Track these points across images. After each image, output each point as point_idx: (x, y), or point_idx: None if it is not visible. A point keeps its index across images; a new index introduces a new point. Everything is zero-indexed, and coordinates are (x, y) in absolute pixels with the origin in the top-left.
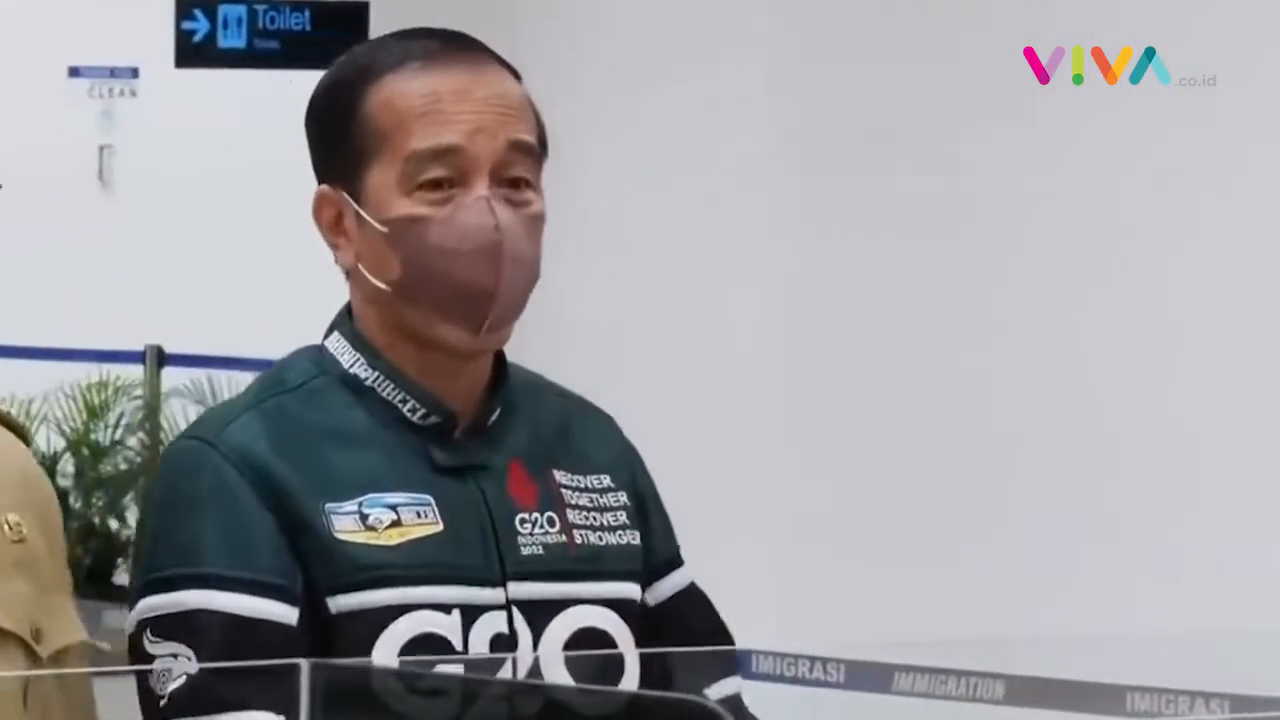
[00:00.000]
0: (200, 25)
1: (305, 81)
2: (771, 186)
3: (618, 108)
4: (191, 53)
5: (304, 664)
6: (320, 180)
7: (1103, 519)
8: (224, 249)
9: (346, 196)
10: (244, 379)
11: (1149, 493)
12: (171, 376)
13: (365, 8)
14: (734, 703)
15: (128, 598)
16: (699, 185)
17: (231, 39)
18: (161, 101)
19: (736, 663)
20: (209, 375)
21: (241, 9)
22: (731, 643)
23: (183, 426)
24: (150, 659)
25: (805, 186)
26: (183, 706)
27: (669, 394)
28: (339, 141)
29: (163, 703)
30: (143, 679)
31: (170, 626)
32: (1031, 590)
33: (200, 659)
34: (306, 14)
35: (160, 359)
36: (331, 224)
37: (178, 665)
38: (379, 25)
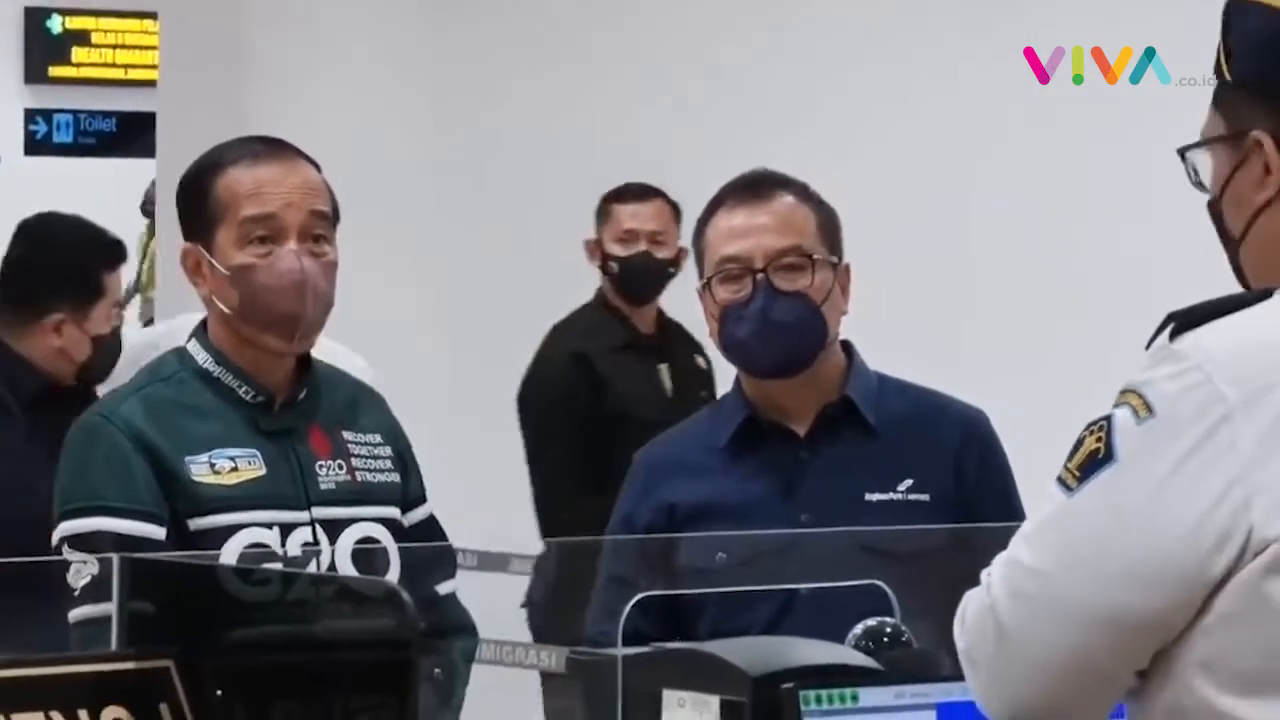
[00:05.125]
0: (41, 128)
1: (114, 165)
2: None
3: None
4: (35, 146)
5: (114, 556)
6: (185, 239)
7: None
8: None
9: (203, 250)
10: None
11: None
12: None
13: (153, 116)
14: (454, 598)
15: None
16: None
17: (63, 136)
18: (15, 177)
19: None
20: None
21: (69, 117)
22: (454, 557)
23: None
24: (68, 565)
25: None
26: (87, 594)
27: None
28: (197, 212)
29: (76, 594)
30: (63, 575)
31: (80, 541)
32: None
33: (99, 565)
34: (114, 120)
35: None
36: (194, 268)
37: (85, 567)
38: (164, 128)
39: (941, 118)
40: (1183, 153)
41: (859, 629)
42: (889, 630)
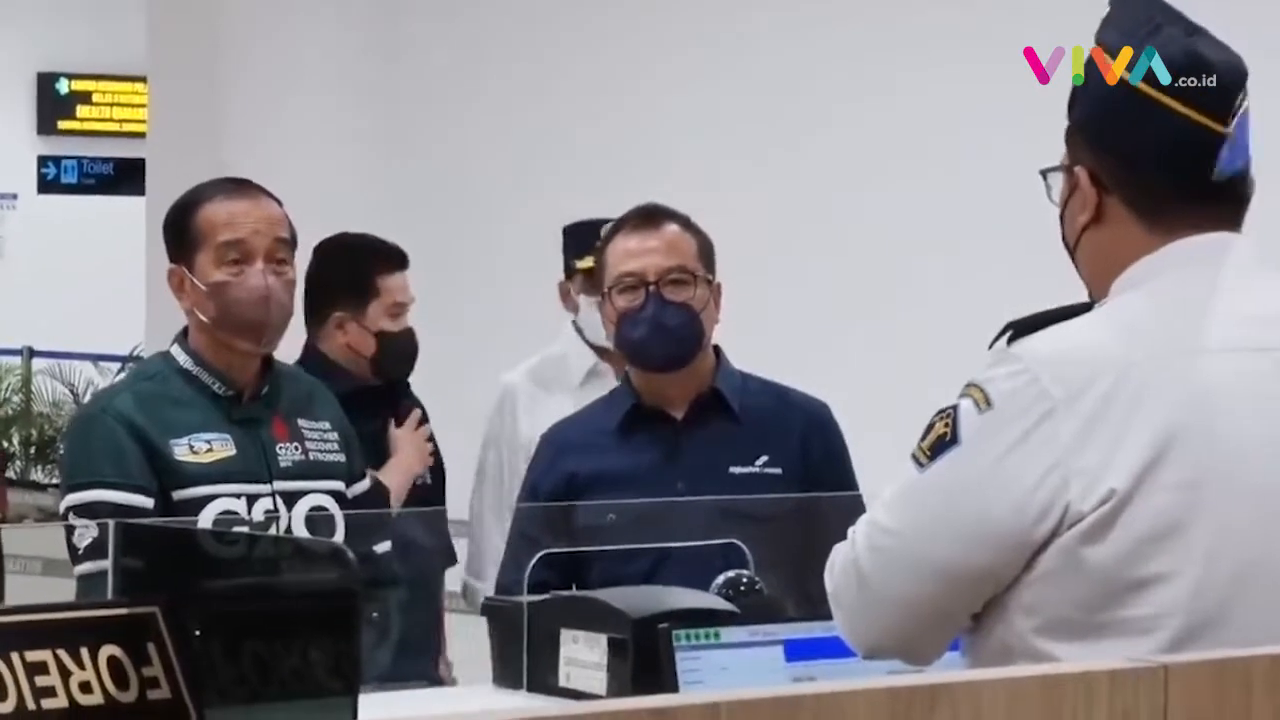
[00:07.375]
0: (51, 171)
1: (111, 201)
2: None
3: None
4: (46, 185)
5: (111, 522)
6: (170, 261)
7: None
8: (66, 290)
9: (185, 270)
10: (80, 366)
11: None
12: (37, 364)
13: (144, 161)
14: (388, 556)
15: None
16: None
17: (69, 178)
18: (30, 212)
19: (389, 531)
20: (59, 363)
21: (75, 162)
22: (389, 521)
23: (45, 395)
24: (73, 529)
25: None
26: (89, 553)
27: None
28: (181, 239)
29: (79, 553)
30: (69, 538)
31: (83, 510)
32: None
33: (98, 529)
34: (111, 165)
35: (31, 354)
36: (178, 285)
37: (87, 531)
38: (153, 172)
39: (942, 117)
40: (1044, 174)
41: (721, 579)
42: (745, 581)
